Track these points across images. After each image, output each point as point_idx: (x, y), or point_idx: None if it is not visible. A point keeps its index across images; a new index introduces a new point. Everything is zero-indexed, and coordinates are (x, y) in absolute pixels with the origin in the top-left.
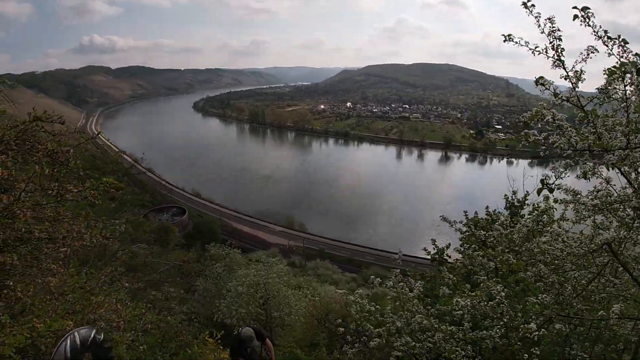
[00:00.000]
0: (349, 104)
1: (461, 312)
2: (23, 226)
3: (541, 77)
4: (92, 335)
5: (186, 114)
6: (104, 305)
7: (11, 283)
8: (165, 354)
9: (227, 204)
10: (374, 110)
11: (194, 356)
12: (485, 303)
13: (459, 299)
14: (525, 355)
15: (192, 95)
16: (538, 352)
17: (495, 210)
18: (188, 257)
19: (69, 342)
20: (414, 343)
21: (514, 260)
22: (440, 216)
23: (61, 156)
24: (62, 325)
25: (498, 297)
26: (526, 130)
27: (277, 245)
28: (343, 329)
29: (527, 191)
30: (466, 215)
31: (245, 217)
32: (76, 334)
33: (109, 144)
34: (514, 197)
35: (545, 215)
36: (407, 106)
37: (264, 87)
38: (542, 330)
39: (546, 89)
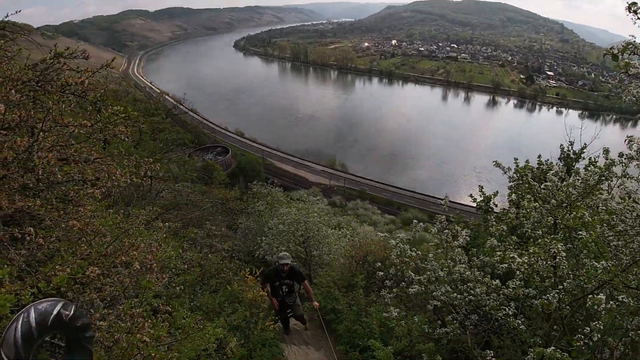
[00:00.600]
0: (394, 42)
1: (509, 266)
2: (44, 169)
3: (634, 4)
4: (55, 312)
5: (227, 53)
6: (139, 247)
7: (31, 230)
8: (205, 292)
9: (270, 143)
10: (420, 49)
11: (234, 293)
12: (544, 263)
13: (514, 255)
14: (582, 325)
15: (232, 34)
16: (601, 327)
17: (547, 160)
18: (231, 195)
19: (20, 323)
20: (454, 294)
21: (589, 217)
22: (494, 161)
23: (75, 88)
24: (85, 272)
25: (558, 257)
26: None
27: (318, 185)
28: (382, 273)
29: (584, 143)
30: (516, 162)
31: (288, 156)
32: (32, 310)
33: (152, 86)
34: (570, 148)
35: (606, 171)
36: (455, 45)
37: (306, 24)
38: (611, 303)
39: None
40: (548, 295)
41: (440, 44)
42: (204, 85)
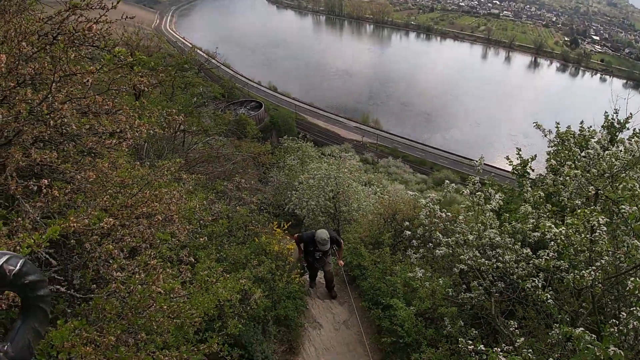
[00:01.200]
0: None
1: (542, 236)
2: (59, 121)
3: None
4: None
5: (260, 6)
6: (162, 198)
7: (45, 181)
8: (232, 243)
9: (303, 98)
10: (461, 4)
11: (260, 245)
12: (584, 236)
13: (551, 224)
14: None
15: None
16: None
17: (590, 127)
18: (263, 149)
19: None
20: (482, 259)
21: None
22: (534, 122)
23: (84, 35)
24: (102, 221)
25: (599, 231)
26: None
27: (350, 141)
28: (410, 232)
29: (630, 113)
30: (557, 126)
31: (321, 112)
32: None
33: (184, 41)
34: (614, 117)
35: None
36: (497, 2)
37: None
38: None
39: None
40: (583, 270)
41: (482, 0)
42: (237, 39)
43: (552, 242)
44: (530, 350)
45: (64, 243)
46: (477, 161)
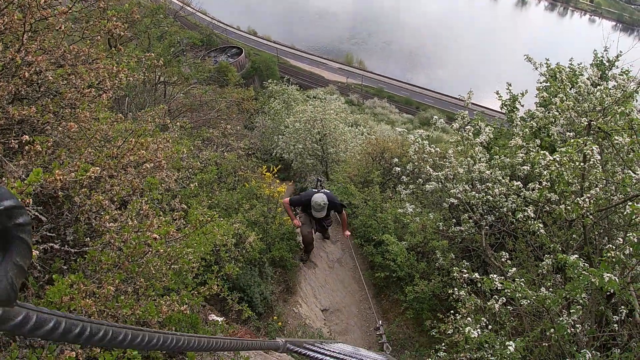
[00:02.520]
0: None
1: (532, 169)
2: (34, 73)
3: None
4: None
5: None
6: (149, 146)
7: (26, 137)
8: (222, 190)
9: (284, 41)
10: None
11: (251, 190)
12: (576, 164)
13: (545, 152)
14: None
15: None
16: (635, 240)
17: (580, 64)
18: (246, 95)
19: None
20: (472, 192)
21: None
22: (525, 55)
23: None
24: (89, 172)
25: (593, 159)
26: None
27: (335, 83)
28: (399, 169)
29: (620, 51)
30: (548, 63)
31: (303, 54)
32: None
33: None
34: (604, 55)
35: None
36: None
37: None
38: None
39: None
40: (577, 198)
41: None
42: None
43: (545, 172)
44: (522, 279)
45: (53, 201)
46: (466, 95)
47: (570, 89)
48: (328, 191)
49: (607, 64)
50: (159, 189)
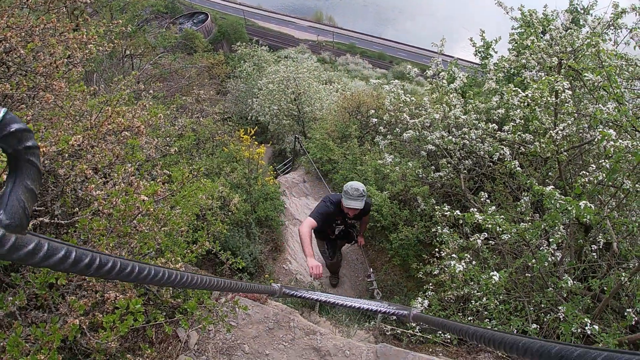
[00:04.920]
0: None
1: (506, 112)
2: (3, 53)
3: None
4: None
5: None
6: (125, 114)
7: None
8: (202, 155)
9: (250, 2)
10: None
11: (230, 153)
12: (547, 98)
13: (517, 89)
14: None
15: None
16: (608, 166)
17: (554, 10)
18: (216, 60)
19: None
20: (450, 137)
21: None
22: (496, 1)
23: None
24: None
25: (564, 94)
26: None
27: (305, 41)
28: (376, 120)
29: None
30: (521, 9)
31: (271, 14)
32: None
33: None
34: (579, 2)
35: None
36: None
37: None
38: (620, 141)
39: None
40: (551, 131)
41: None
42: None
43: (519, 110)
44: (502, 217)
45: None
46: (439, 42)
47: (543, 34)
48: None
49: (581, 11)
50: (141, 152)
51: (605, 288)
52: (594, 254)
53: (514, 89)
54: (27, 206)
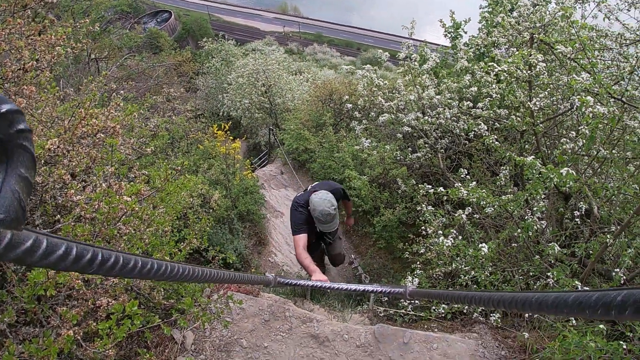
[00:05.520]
0: None
1: (479, 90)
2: None
3: None
4: None
5: None
6: (98, 116)
7: None
8: (177, 153)
9: None
10: None
11: (206, 150)
12: (523, 71)
13: (493, 64)
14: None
15: None
16: (587, 132)
17: None
18: (183, 57)
19: None
20: (425, 117)
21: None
22: None
23: None
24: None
25: (539, 67)
26: None
27: (272, 33)
28: (350, 105)
29: None
30: None
31: (236, 8)
32: None
33: None
34: None
35: None
36: None
37: None
38: (597, 107)
39: None
40: (528, 102)
41: None
42: None
43: (495, 85)
44: (484, 191)
45: None
46: (410, 24)
47: (511, 12)
48: (317, 182)
49: None
50: (119, 152)
51: (591, 252)
52: (577, 219)
53: (490, 64)
54: (23, 197)
